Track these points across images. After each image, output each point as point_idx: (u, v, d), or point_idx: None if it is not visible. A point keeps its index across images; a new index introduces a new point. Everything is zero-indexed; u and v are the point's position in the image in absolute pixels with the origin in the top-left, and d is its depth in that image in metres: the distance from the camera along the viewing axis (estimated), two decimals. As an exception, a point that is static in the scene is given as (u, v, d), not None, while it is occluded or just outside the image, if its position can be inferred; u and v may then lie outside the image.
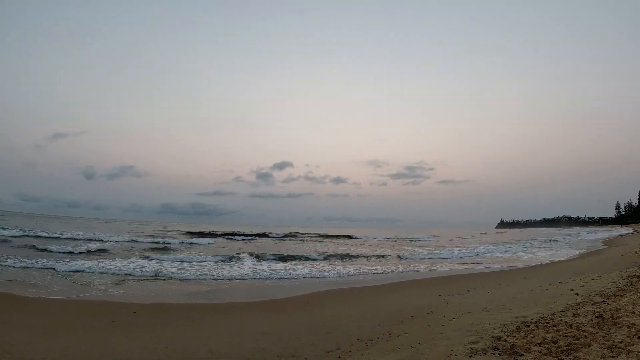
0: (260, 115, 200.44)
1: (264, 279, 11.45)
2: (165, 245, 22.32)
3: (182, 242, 24.78)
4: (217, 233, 38.60)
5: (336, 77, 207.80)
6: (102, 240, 22.41)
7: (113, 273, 11.20)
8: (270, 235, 38.76)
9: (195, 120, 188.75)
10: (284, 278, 11.56)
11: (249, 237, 34.06)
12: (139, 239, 25.00)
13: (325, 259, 17.81)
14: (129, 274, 11.11)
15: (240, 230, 48.57)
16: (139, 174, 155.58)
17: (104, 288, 9.04)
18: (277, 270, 12.87)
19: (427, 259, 19.00)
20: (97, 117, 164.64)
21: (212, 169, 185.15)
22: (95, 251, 16.95)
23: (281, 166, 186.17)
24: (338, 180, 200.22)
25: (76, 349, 4.63)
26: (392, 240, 38.39)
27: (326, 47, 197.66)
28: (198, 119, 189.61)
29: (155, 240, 25.00)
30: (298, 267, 14.24)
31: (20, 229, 24.64)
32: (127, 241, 23.45)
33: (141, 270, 11.78)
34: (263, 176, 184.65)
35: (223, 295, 8.80)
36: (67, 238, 23.02)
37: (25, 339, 4.95)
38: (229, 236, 34.51)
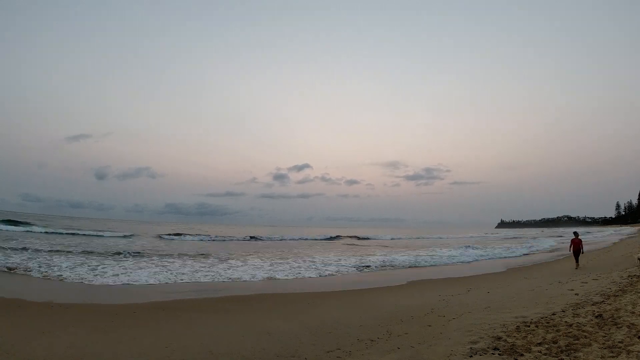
0: (283, 119, 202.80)
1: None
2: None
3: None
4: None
5: (361, 80, 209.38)
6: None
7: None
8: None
9: (217, 123, 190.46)
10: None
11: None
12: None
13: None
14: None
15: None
16: (154, 175, 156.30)
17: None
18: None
19: None
20: (122, 119, 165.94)
21: (231, 170, 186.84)
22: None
23: (300, 168, 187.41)
24: (352, 182, 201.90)
25: (76, 349, 4.62)
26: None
27: (347, 49, 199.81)
28: (220, 122, 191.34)
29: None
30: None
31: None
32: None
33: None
34: (279, 177, 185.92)
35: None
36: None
37: (25, 339, 4.95)
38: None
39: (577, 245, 13.03)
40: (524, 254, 21.78)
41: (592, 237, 41.44)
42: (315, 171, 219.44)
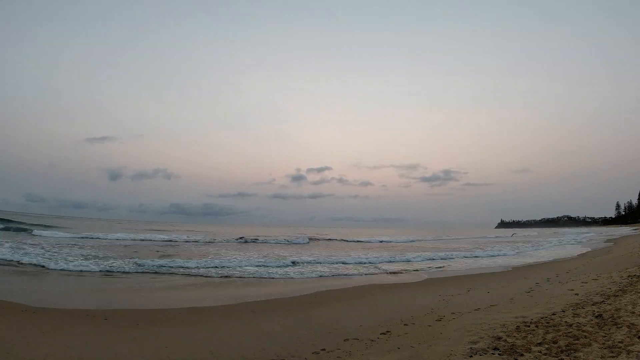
0: (306, 121, 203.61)
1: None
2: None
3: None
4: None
5: (384, 81, 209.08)
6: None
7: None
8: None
9: (239, 126, 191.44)
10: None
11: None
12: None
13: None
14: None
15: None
16: (169, 176, 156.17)
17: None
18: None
19: None
20: (148, 122, 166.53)
21: (249, 172, 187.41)
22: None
23: (320, 170, 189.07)
24: (366, 183, 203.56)
25: (77, 349, 4.62)
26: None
27: (366, 51, 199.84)
28: (244, 124, 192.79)
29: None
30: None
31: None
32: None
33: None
34: (297, 179, 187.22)
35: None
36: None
37: (25, 339, 4.95)
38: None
39: None
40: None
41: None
42: (334, 172, 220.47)
